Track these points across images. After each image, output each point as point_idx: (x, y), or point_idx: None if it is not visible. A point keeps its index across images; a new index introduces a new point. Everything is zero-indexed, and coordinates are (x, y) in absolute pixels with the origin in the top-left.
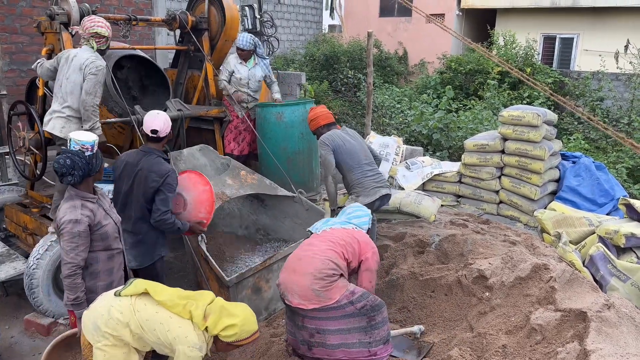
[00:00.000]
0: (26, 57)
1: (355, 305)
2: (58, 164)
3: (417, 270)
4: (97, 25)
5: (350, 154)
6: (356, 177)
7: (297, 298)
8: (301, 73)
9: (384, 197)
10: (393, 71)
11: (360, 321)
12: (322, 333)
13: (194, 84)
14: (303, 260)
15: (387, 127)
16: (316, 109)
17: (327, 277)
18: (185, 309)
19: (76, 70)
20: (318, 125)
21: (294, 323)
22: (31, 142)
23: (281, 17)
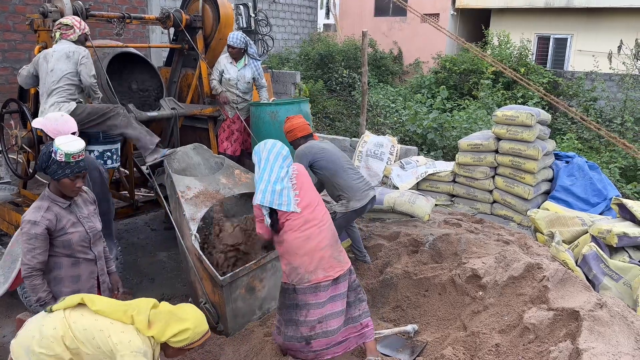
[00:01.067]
0: (19, 55)
1: (352, 275)
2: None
3: (411, 269)
4: (64, 18)
5: (330, 160)
6: (343, 181)
7: (321, 273)
8: (296, 72)
9: (373, 200)
10: (388, 71)
11: (350, 296)
12: (324, 320)
13: (188, 83)
14: (315, 235)
15: (381, 127)
16: (293, 120)
17: (337, 243)
18: (127, 314)
19: (61, 60)
20: (295, 137)
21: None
22: (24, 141)
23: (276, 16)
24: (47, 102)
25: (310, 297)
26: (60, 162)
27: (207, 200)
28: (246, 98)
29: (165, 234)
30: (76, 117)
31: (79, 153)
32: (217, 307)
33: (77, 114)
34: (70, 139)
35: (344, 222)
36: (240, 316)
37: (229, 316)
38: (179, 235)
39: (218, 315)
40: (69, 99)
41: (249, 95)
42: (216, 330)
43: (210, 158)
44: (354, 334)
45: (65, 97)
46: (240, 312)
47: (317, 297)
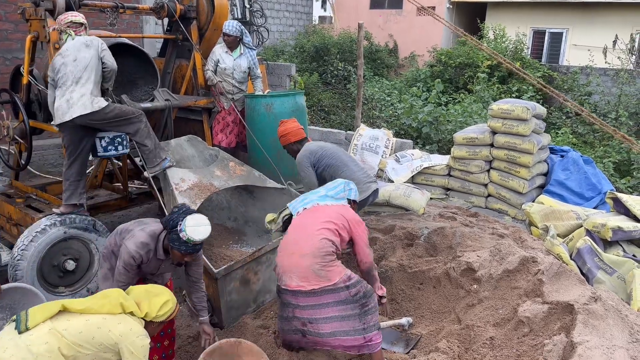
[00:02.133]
0: (10, 45)
1: (350, 290)
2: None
3: (406, 262)
4: (70, 16)
5: (332, 156)
6: (346, 176)
7: (295, 280)
8: (291, 64)
9: (375, 192)
10: (383, 64)
11: (354, 308)
12: (315, 322)
13: (182, 74)
14: (300, 242)
15: (377, 120)
16: (286, 124)
17: (327, 255)
18: (115, 304)
19: (81, 49)
20: (288, 142)
21: (284, 317)
22: (16, 132)
23: (271, 7)
24: (74, 91)
25: (291, 298)
26: (182, 239)
27: (202, 192)
28: (242, 88)
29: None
30: (104, 115)
31: (201, 241)
32: (212, 300)
33: (105, 112)
34: (199, 223)
35: None
36: (235, 309)
37: (224, 309)
38: None
39: (212, 308)
40: (97, 93)
41: (244, 85)
42: (210, 322)
43: (204, 150)
44: (356, 344)
45: (95, 89)
46: (235, 304)
47: (297, 299)
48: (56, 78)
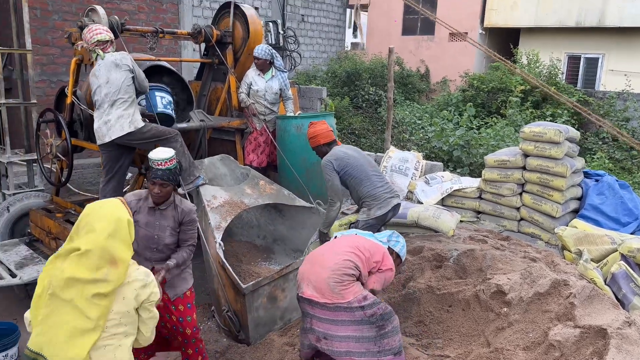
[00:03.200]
0: (56, 68)
1: (365, 311)
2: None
3: (435, 284)
4: (96, 34)
5: (356, 167)
6: (367, 190)
7: (310, 289)
8: (322, 88)
9: (396, 207)
10: (415, 88)
11: (370, 330)
12: (329, 339)
13: (217, 96)
14: (325, 256)
15: (407, 143)
16: (316, 126)
17: (345, 276)
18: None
19: (112, 69)
20: (317, 144)
21: (303, 328)
22: (58, 149)
23: (304, 34)
24: (110, 113)
25: (308, 307)
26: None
27: (232, 209)
28: (273, 109)
29: None
30: (142, 134)
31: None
32: (239, 316)
33: (142, 132)
34: (161, 150)
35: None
36: (262, 325)
37: (251, 325)
38: (205, 243)
39: (240, 324)
40: (134, 113)
41: (276, 107)
42: (237, 338)
43: (236, 169)
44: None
45: (131, 110)
46: (262, 321)
47: (314, 310)
48: (94, 100)
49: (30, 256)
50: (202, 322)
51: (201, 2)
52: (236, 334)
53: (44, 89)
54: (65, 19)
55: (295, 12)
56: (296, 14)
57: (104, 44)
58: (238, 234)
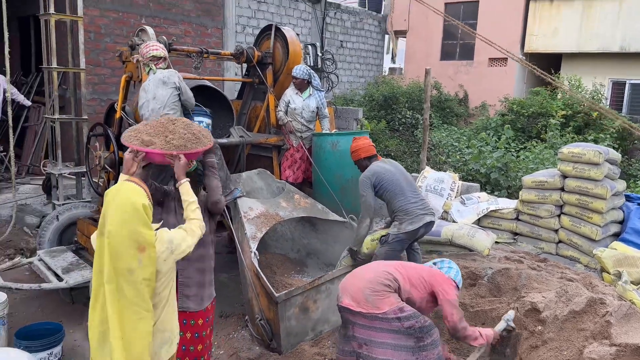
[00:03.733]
0: (106, 88)
1: (402, 322)
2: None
3: (468, 301)
4: (152, 49)
5: (392, 182)
6: (400, 204)
7: (348, 298)
8: (358, 109)
9: (429, 224)
10: (452, 113)
11: (408, 340)
12: (370, 345)
13: (256, 114)
14: (366, 269)
15: (443, 165)
16: (358, 141)
17: (381, 286)
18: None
19: (159, 86)
20: (358, 157)
21: (345, 334)
22: (106, 161)
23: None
24: None
25: (349, 315)
26: None
27: (268, 221)
28: (310, 127)
29: (227, 257)
30: None
31: None
32: (272, 324)
33: None
34: None
35: (398, 246)
36: (293, 335)
37: (283, 334)
38: (240, 253)
39: (272, 333)
40: None
41: (312, 125)
42: (269, 347)
43: (272, 183)
44: None
45: None
46: (294, 330)
47: (354, 317)
48: (141, 114)
49: (76, 262)
50: (235, 330)
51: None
52: (268, 343)
53: (95, 107)
54: (116, 41)
55: (334, 37)
56: (335, 40)
57: (157, 59)
58: (272, 247)
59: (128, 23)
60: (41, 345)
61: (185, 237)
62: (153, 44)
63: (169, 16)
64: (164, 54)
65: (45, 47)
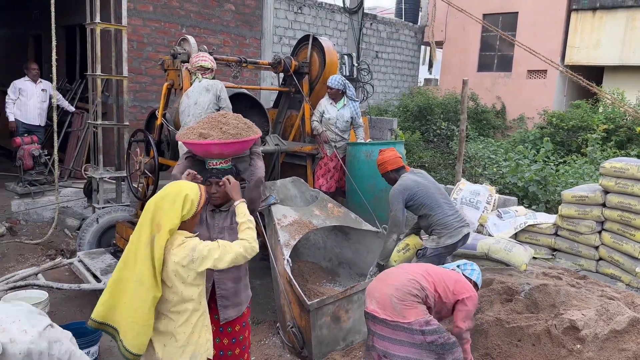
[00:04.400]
0: (147, 96)
1: (425, 336)
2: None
3: (504, 317)
4: (202, 60)
5: (426, 196)
6: (438, 218)
7: (374, 304)
8: (393, 119)
9: (466, 237)
10: (489, 125)
11: (429, 355)
12: (389, 357)
13: (292, 123)
14: (393, 273)
15: (479, 178)
16: (384, 153)
17: (409, 295)
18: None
19: (202, 93)
20: (385, 170)
21: (367, 345)
22: (146, 167)
23: (378, 70)
24: None
25: (371, 324)
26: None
27: (301, 228)
28: (344, 137)
29: (261, 264)
30: None
31: (217, 161)
32: (303, 332)
33: None
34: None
35: (436, 260)
36: (325, 344)
37: (314, 342)
38: (273, 260)
39: (303, 341)
40: None
41: (346, 134)
42: (300, 355)
43: (306, 191)
44: None
45: None
46: (325, 339)
47: (375, 327)
48: (181, 118)
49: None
50: (267, 337)
51: (281, 38)
52: (299, 350)
53: (135, 114)
54: (158, 50)
55: (370, 48)
56: (370, 50)
57: (204, 70)
58: (305, 255)
59: (169, 33)
60: (80, 344)
61: (214, 250)
62: (203, 54)
63: (209, 26)
64: (212, 65)
65: (90, 55)
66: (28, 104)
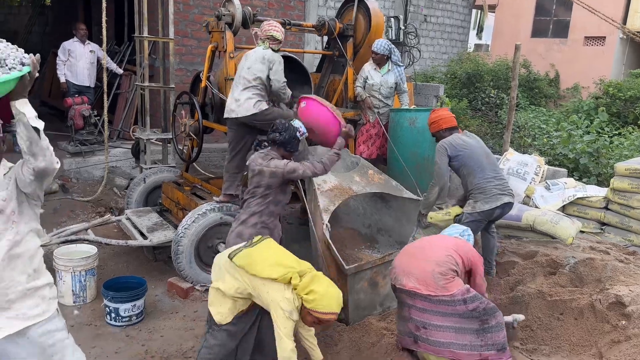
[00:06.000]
0: (193, 59)
1: (467, 305)
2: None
3: (546, 290)
4: (273, 29)
5: (471, 157)
6: (477, 182)
7: (413, 281)
8: (440, 85)
9: (506, 206)
10: (541, 93)
11: (472, 323)
12: (428, 328)
13: (334, 88)
14: (426, 249)
15: (528, 148)
16: (438, 111)
17: (450, 271)
18: (281, 273)
19: (257, 61)
20: (439, 128)
21: (401, 314)
22: (191, 129)
23: (426, 34)
24: (242, 94)
25: (407, 298)
26: (299, 139)
27: (341, 194)
28: (388, 103)
29: (300, 228)
30: (264, 116)
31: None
32: None
33: (265, 114)
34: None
35: (474, 227)
36: (361, 308)
37: (351, 306)
38: (312, 224)
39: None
40: (261, 98)
41: (390, 100)
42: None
43: (346, 157)
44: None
45: (259, 96)
46: (362, 304)
47: (414, 301)
48: (235, 77)
49: (160, 223)
50: None
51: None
52: None
53: (181, 77)
54: (203, 12)
55: (417, 12)
56: (418, 14)
57: (273, 40)
58: (344, 220)
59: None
60: (126, 297)
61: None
62: (276, 25)
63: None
64: (280, 37)
65: (137, 17)
66: (77, 65)
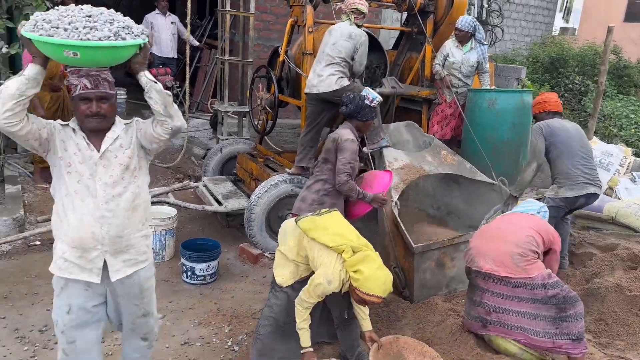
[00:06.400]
0: (270, 34)
1: (546, 290)
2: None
3: (625, 284)
4: (358, 2)
5: (564, 141)
6: (564, 167)
7: (490, 263)
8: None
9: (591, 196)
10: (631, 82)
11: (549, 310)
12: (501, 312)
13: (410, 66)
14: (503, 230)
15: (614, 139)
16: (547, 94)
17: (530, 252)
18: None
19: (344, 37)
20: (543, 110)
21: (472, 299)
22: (266, 102)
23: (508, 15)
24: (324, 70)
25: (481, 282)
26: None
27: (411, 173)
28: (467, 82)
29: None
30: (344, 92)
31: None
32: (406, 273)
33: (346, 90)
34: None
35: (554, 212)
36: (427, 288)
37: (416, 285)
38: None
39: (406, 281)
40: (343, 75)
41: (470, 80)
42: (402, 294)
43: (419, 137)
44: (543, 346)
45: (341, 72)
46: (427, 283)
47: (487, 284)
48: (319, 52)
49: (234, 191)
50: None
51: None
52: (401, 290)
53: (259, 53)
54: None
55: None
56: None
57: (358, 14)
58: (413, 200)
59: None
60: (202, 257)
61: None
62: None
63: None
64: (365, 11)
65: None
66: (160, 37)
